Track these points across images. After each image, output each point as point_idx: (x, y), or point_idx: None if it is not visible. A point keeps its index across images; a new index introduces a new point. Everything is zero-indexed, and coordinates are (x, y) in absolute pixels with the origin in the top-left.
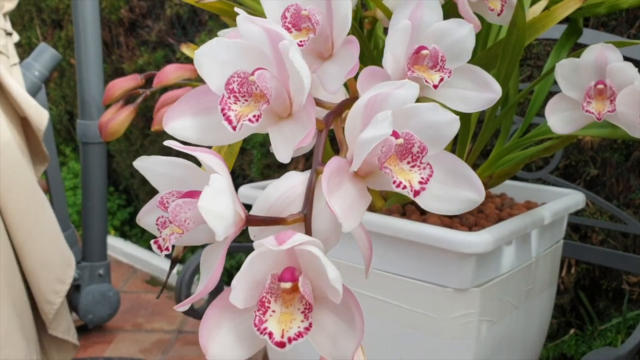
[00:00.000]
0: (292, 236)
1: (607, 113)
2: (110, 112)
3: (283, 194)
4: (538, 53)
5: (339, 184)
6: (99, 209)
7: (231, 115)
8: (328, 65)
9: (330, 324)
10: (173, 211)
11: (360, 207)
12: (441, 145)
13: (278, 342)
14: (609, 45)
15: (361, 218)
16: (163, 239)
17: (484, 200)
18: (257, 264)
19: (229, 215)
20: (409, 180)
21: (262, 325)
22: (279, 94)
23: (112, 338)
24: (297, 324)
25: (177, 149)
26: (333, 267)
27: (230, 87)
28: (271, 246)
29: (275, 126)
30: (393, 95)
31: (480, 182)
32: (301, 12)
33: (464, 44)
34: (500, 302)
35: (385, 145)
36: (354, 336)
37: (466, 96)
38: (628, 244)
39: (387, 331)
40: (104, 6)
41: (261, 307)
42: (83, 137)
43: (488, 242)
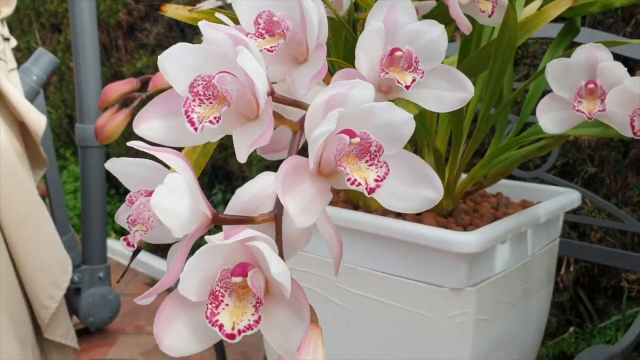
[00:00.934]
0: (240, 232)
1: (597, 112)
2: (106, 115)
3: (255, 194)
4: (534, 52)
5: (297, 182)
6: (98, 212)
7: (194, 117)
8: (301, 70)
9: (284, 318)
10: (137, 209)
11: (319, 205)
12: (399, 144)
13: (228, 334)
14: (599, 45)
15: (317, 215)
16: (131, 236)
17: (479, 199)
18: (206, 258)
19: (184, 213)
20: (365, 178)
21: (214, 318)
22: (241, 96)
23: (113, 341)
24: (248, 317)
25: (139, 149)
26: (278, 261)
27: (195, 90)
28: (217, 241)
29: (241, 128)
30: (350, 94)
31: (439, 181)
32: (273, 18)
33: (436, 45)
34: (496, 302)
35: (340, 143)
36: (302, 327)
37: (440, 96)
38: (626, 241)
39: (383, 331)
40: (103, 10)
41: (214, 300)
42: (82, 140)
43: (481, 241)
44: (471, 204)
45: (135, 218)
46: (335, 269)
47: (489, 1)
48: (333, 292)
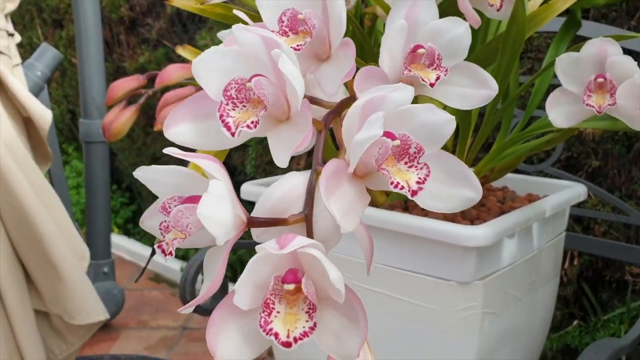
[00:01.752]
0: (293, 239)
1: (607, 106)
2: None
3: (284, 195)
4: (538, 46)
5: (337, 185)
6: (102, 208)
7: (230, 121)
8: (326, 68)
9: (335, 323)
10: (175, 217)
11: (359, 207)
12: (438, 144)
13: (284, 342)
14: (609, 39)
15: (359, 218)
16: (167, 244)
17: (486, 193)
18: (259, 266)
19: (229, 220)
20: (407, 181)
21: (268, 327)
22: (276, 99)
23: (117, 335)
24: (302, 324)
25: (175, 156)
26: (334, 268)
27: (229, 94)
28: (273, 250)
29: (274, 130)
30: (389, 97)
31: (478, 181)
32: (298, 15)
33: (460, 42)
34: (503, 295)
35: (382, 147)
36: (358, 333)
37: (464, 93)
38: (630, 235)
39: (392, 325)
40: (105, 5)
41: (266, 308)
42: (86, 136)
43: (489, 235)
44: None
45: (173, 225)
46: (367, 267)
47: None
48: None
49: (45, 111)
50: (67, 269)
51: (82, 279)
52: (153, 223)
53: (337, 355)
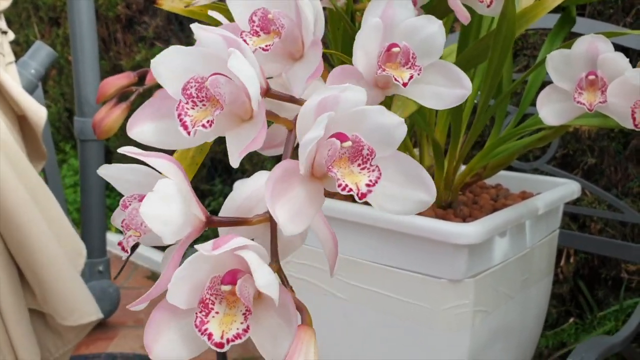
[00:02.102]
0: (229, 240)
1: (598, 104)
2: (103, 110)
3: (250, 195)
4: (534, 42)
5: (288, 187)
6: (97, 206)
7: (187, 120)
8: (296, 67)
9: (273, 324)
10: (130, 215)
11: (309, 211)
12: (392, 146)
13: (217, 342)
14: (600, 36)
15: (309, 222)
16: (126, 240)
17: (479, 191)
18: (195, 267)
19: (176, 220)
20: (356, 183)
21: (204, 327)
22: (235, 98)
23: (114, 334)
24: (237, 326)
25: (130, 155)
26: (265, 273)
27: (188, 92)
28: (205, 251)
29: (234, 130)
30: (341, 98)
31: (433, 183)
32: (268, 15)
33: (433, 41)
34: (495, 293)
35: (331, 148)
36: (289, 334)
37: (438, 92)
38: (626, 232)
39: (382, 323)
40: (101, 3)
41: (204, 308)
42: (81, 134)
43: (480, 233)
44: (470, 196)
45: (128, 223)
46: (330, 268)
47: None
48: (332, 284)
49: (40, 108)
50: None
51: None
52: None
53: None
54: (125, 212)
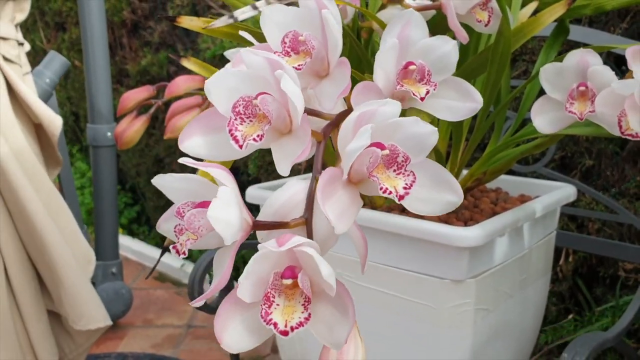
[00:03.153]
0: (290, 239)
1: (588, 113)
2: (124, 122)
3: (286, 200)
4: (533, 48)
5: (333, 191)
6: (110, 210)
7: (238, 135)
8: (324, 84)
9: (327, 314)
10: (188, 220)
11: (352, 211)
12: (424, 153)
13: (282, 330)
14: (589, 50)
15: (352, 221)
16: (180, 244)
17: (479, 195)
18: (260, 263)
19: (235, 222)
20: (395, 187)
21: (268, 317)
22: (279, 114)
23: (124, 334)
24: (299, 315)
25: (190, 165)
26: (326, 265)
27: (237, 110)
28: (272, 248)
29: (277, 142)
30: (379, 111)
31: (459, 186)
32: (298, 37)
33: (448, 59)
34: (495, 292)
35: (372, 156)
36: (347, 323)
37: (451, 106)
38: (623, 232)
39: (389, 320)
40: (107, 8)
41: (267, 301)
42: (93, 140)
43: (480, 235)
44: (471, 199)
45: (186, 227)
46: (361, 266)
47: (485, 11)
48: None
49: (56, 117)
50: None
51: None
52: (168, 226)
53: (329, 343)
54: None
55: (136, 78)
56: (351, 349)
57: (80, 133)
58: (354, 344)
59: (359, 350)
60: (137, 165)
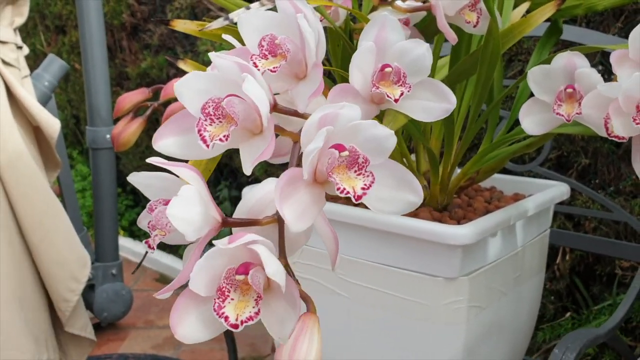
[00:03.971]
0: (242, 236)
1: (575, 115)
2: (121, 124)
3: (260, 198)
4: (528, 48)
5: (294, 191)
6: (109, 212)
7: (206, 135)
8: (300, 86)
9: (280, 309)
10: (156, 217)
11: (313, 211)
12: (384, 155)
13: (232, 324)
14: (576, 52)
15: (312, 221)
16: (152, 239)
17: (473, 194)
18: (213, 259)
19: (198, 220)
20: (353, 187)
21: (221, 311)
22: (247, 115)
23: (125, 335)
24: (249, 310)
25: (157, 164)
26: (274, 263)
27: (206, 111)
28: (222, 245)
29: (247, 142)
30: (339, 114)
31: (420, 186)
32: (275, 41)
33: (422, 61)
34: (488, 290)
35: (331, 157)
36: (294, 317)
37: (427, 106)
38: (620, 230)
39: (382, 318)
40: (106, 11)
41: (221, 295)
42: (92, 143)
43: (472, 234)
44: (465, 198)
45: (155, 224)
46: (331, 263)
47: (474, 12)
48: (335, 283)
49: (54, 121)
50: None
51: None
52: (145, 222)
53: (277, 337)
54: (152, 214)
55: (136, 81)
56: (305, 344)
57: (81, 136)
58: (308, 340)
59: (314, 346)
60: (137, 167)
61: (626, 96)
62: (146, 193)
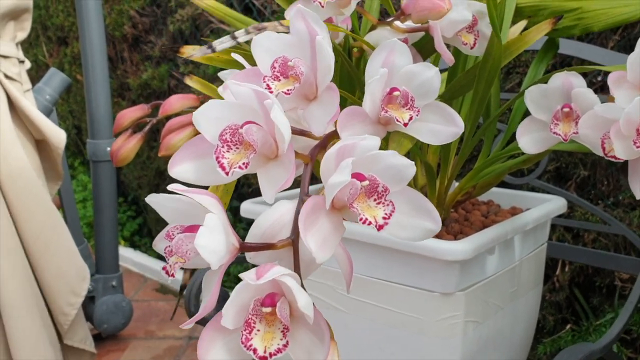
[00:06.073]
0: (270, 270)
1: (572, 134)
2: (120, 140)
3: (274, 222)
4: (526, 61)
5: (315, 220)
6: (110, 224)
7: (224, 162)
8: (313, 108)
9: (306, 340)
10: (176, 245)
11: (334, 239)
12: (402, 183)
13: (261, 356)
14: (573, 72)
15: (334, 249)
16: (170, 266)
17: (470, 208)
18: (242, 293)
19: (222, 249)
20: (374, 217)
21: (248, 343)
22: (265, 142)
23: (125, 346)
24: (277, 342)
25: (178, 192)
26: (304, 295)
27: (224, 138)
28: (250, 281)
29: (263, 168)
30: (359, 145)
31: (437, 214)
32: (287, 63)
33: (430, 85)
34: (485, 304)
35: (352, 187)
36: (323, 349)
37: (434, 130)
38: (619, 241)
39: (379, 333)
40: (108, 23)
41: (247, 327)
42: (93, 155)
43: (468, 249)
44: (462, 212)
45: (175, 251)
46: (346, 285)
47: (471, 34)
48: (334, 297)
49: (60, 131)
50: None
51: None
52: (162, 246)
53: None
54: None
55: (137, 92)
56: None
57: (83, 146)
58: None
59: None
60: (138, 178)
61: (627, 120)
62: (163, 214)
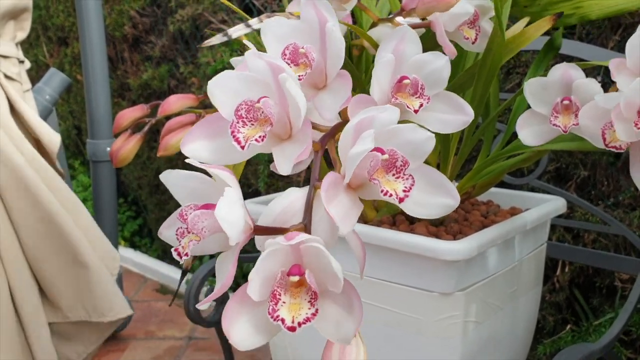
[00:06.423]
0: (298, 234)
1: (572, 126)
2: (119, 140)
3: (285, 208)
4: (526, 61)
5: (335, 195)
6: (110, 224)
7: (240, 137)
8: (323, 96)
9: (332, 312)
10: (192, 221)
11: (354, 213)
12: (421, 158)
13: (290, 326)
14: (572, 64)
15: (355, 222)
16: (182, 247)
17: (470, 208)
18: (268, 261)
19: (241, 223)
20: (395, 190)
21: (275, 314)
22: (280, 118)
23: (125, 346)
24: (305, 311)
25: (197, 165)
26: (335, 259)
27: (239, 113)
28: (282, 242)
29: (278, 147)
30: (378, 117)
31: (455, 189)
32: (299, 50)
33: (440, 74)
34: (484, 304)
35: (373, 160)
36: (354, 319)
37: (443, 119)
38: (619, 242)
39: (379, 333)
40: (108, 23)
41: (273, 298)
42: (93, 155)
43: (467, 249)
44: (462, 212)
45: (190, 229)
46: (360, 270)
47: (472, 29)
48: None
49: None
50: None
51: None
52: (170, 233)
53: (336, 339)
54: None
55: (137, 92)
56: (354, 349)
57: (83, 147)
58: (355, 345)
59: (361, 351)
60: (138, 178)
61: (627, 102)
62: (176, 193)
